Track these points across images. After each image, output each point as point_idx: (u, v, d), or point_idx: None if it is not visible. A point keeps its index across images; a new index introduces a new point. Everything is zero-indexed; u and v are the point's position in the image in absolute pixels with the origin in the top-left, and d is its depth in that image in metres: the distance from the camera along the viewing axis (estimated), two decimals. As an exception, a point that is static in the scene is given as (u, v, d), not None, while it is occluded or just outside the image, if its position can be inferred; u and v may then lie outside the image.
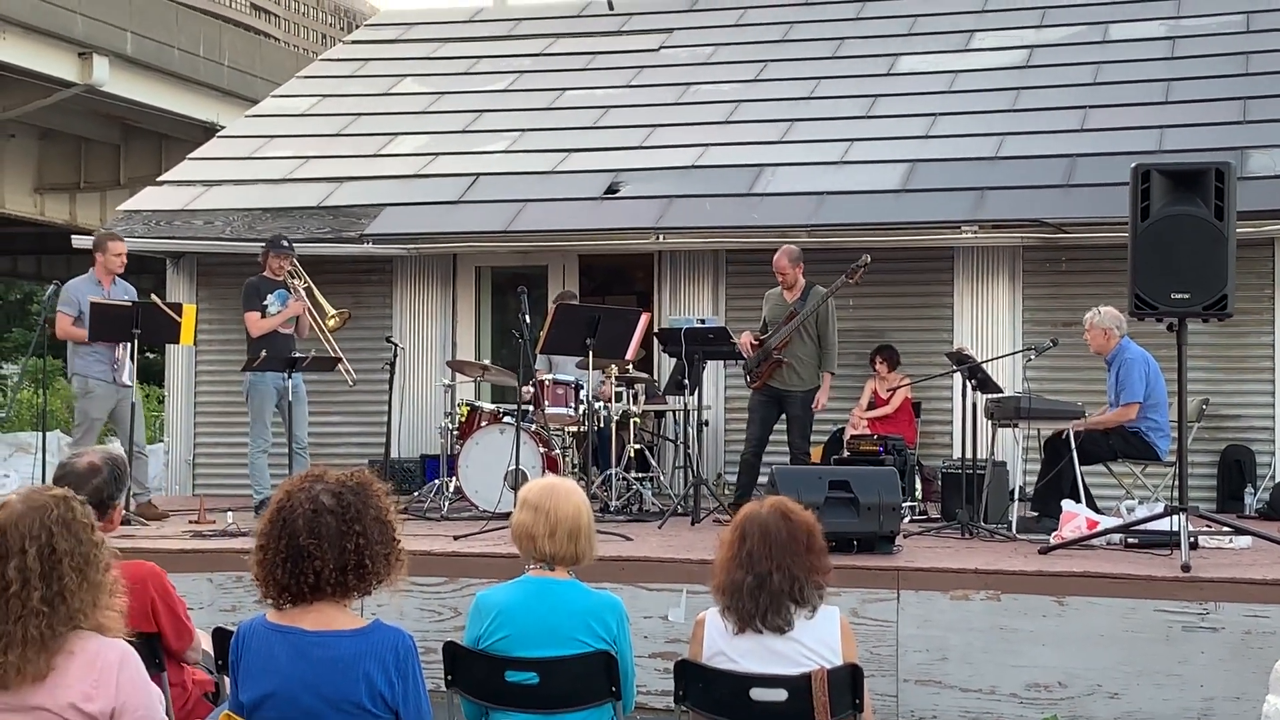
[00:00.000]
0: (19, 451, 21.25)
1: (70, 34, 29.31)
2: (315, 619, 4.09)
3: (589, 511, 5.20)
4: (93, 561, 3.89)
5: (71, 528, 3.88)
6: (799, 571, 4.87)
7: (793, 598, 4.86)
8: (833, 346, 11.41)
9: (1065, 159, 13.52)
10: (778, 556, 4.86)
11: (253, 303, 11.75)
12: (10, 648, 3.74)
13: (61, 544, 3.83)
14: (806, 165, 14.22)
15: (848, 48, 17.09)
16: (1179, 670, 7.74)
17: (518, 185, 14.55)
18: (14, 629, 3.75)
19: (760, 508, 5.00)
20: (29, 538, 3.81)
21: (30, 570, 3.78)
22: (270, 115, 17.70)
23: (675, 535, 9.97)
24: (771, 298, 11.63)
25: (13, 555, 3.79)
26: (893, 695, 8.06)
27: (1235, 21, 15.98)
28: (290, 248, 12.04)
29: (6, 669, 3.73)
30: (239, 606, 8.86)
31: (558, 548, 5.08)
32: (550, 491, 5.18)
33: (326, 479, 4.16)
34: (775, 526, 4.90)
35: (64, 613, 3.79)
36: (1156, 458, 10.39)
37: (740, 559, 4.89)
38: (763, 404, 11.41)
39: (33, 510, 3.87)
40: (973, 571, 8.20)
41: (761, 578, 4.84)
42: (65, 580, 3.80)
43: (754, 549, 4.87)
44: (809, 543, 4.93)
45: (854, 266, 11.24)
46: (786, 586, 4.84)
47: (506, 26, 19.51)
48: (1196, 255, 8.38)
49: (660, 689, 7.80)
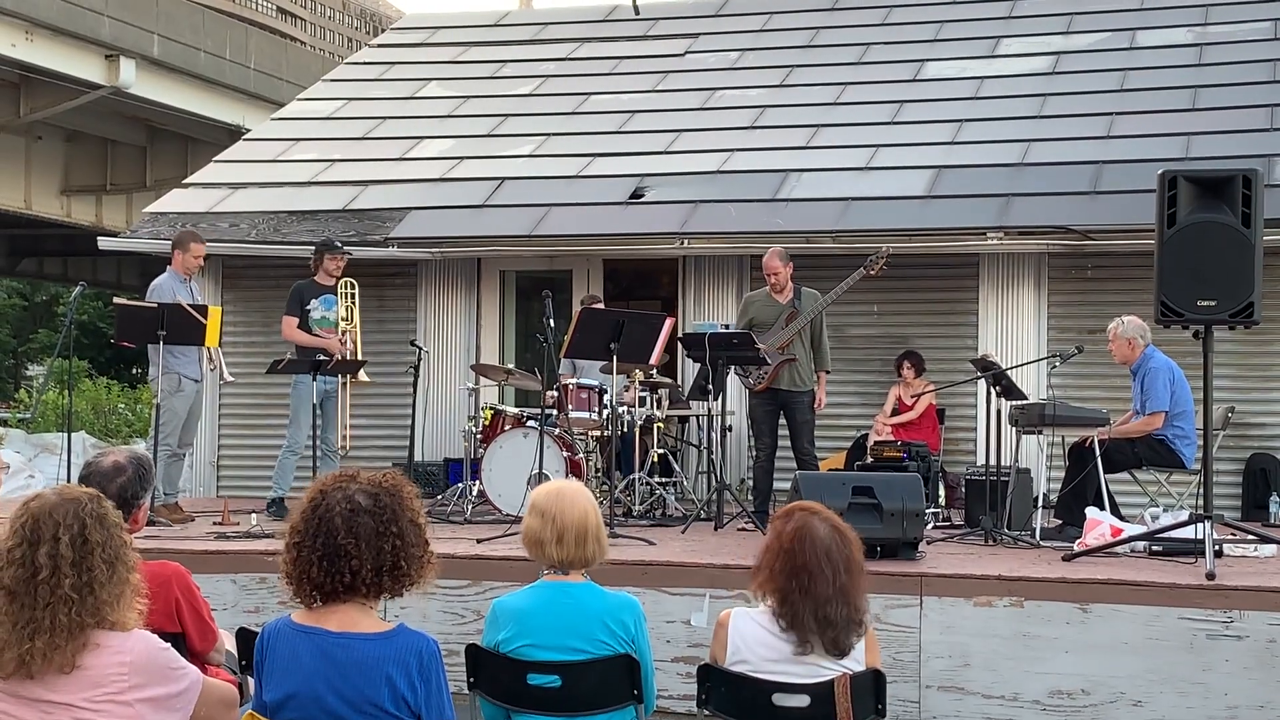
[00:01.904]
0: (44, 452, 21.36)
1: (97, 36, 29.47)
2: (340, 621, 4.10)
3: (596, 513, 5.18)
4: (122, 558, 3.92)
5: (104, 522, 3.93)
6: (862, 596, 4.89)
7: (860, 622, 4.87)
8: (826, 346, 11.43)
9: (1091, 166, 13.49)
10: (858, 583, 4.86)
11: (293, 308, 11.82)
12: (38, 634, 3.77)
13: (94, 535, 3.87)
14: (832, 171, 14.21)
15: (873, 53, 17.07)
16: (1203, 678, 7.70)
17: (543, 189, 14.56)
18: (43, 615, 3.78)
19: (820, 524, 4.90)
20: (62, 525, 3.85)
21: (62, 557, 3.82)
22: (296, 118, 17.75)
23: (698, 540, 9.96)
24: (757, 300, 11.55)
25: (44, 542, 3.83)
26: (915, 701, 8.04)
27: (1263, 29, 15.92)
28: (342, 248, 12.11)
29: (34, 655, 3.76)
30: (262, 608, 8.88)
31: (566, 552, 5.08)
32: (556, 496, 5.16)
33: (360, 479, 4.18)
34: (849, 552, 4.88)
35: (91, 604, 3.81)
36: (1182, 466, 10.36)
37: (827, 584, 4.80)
38: (767, 411, 11.34)
39: (67, 501, 3.92)
40: (996, 578, 8.17)
41: (846, 605, 4.82)
42: (95, 571, 3.84)
43: (842, 579, 4.81)
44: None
45: (872, 259, 11.24)
46: (859, 612, 4.86)
47: (532, 31, 19.54)
48: (1223, 262, 8.36)
49: (682, 693, 7.80)
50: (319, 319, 11.85)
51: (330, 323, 11.86)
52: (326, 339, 11.75)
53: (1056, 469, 10.81)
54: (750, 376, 11.39)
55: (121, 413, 31.49)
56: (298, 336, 11.80)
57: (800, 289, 11.37)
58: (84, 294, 11.48)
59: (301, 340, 11.78)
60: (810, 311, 11.19)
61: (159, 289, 11.37)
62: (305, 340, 11.77)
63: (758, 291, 11.64)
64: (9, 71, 29.19)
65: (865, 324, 13.18)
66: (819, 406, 11.39)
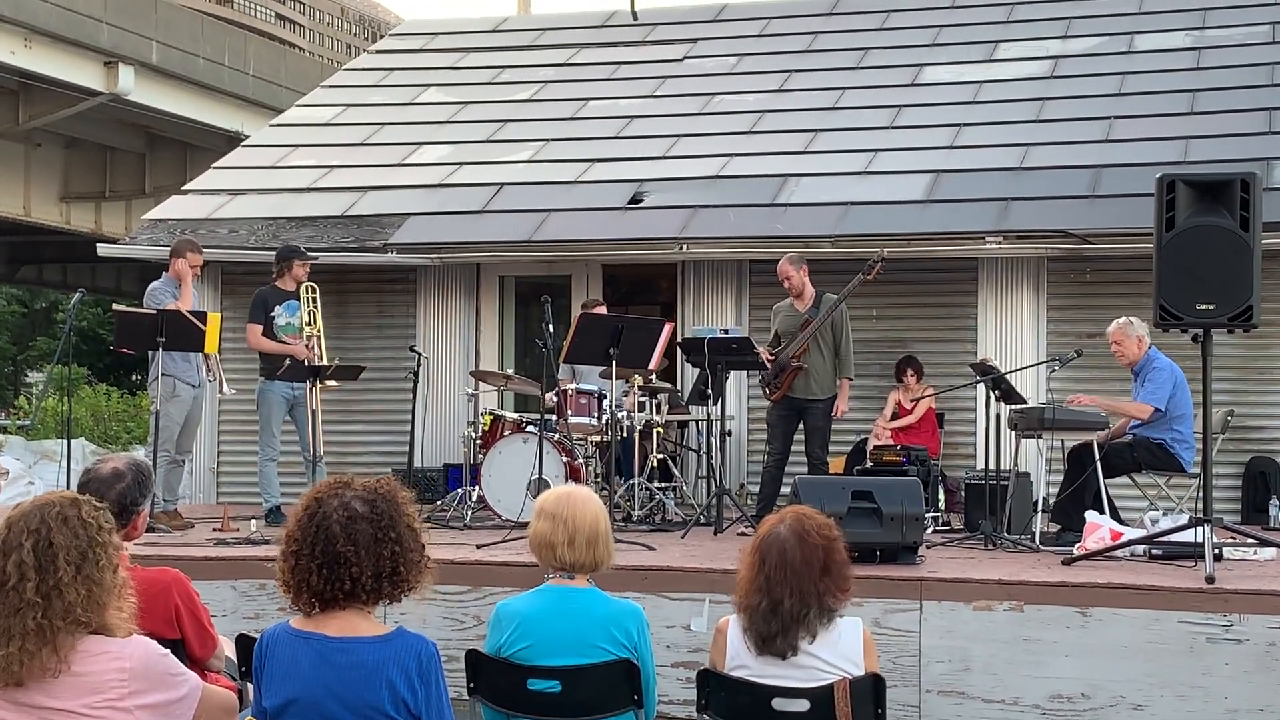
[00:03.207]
0: (44, 459, 21.34)
1: (96, 43, 29.49)
2: (339, 625, 4.10)
3: (606, 518, 5.22)
4: (91, 558, 3.90)
5: (70, 524, 3.91)
6: (810, 598, 4.83)
7: (803, 623, 4.83)
8: (849, 353, 11.44)
9: (1090, 170, 13.49)
10: (792, 581, 4.81)
11: (256, 315, 11.74)
12: (10, 640, 3.79)
13: (58, 538, 3.88)
14: (830, 176, 14.21)
15: (872, 58, 17.08)
16: (1203, 682, 7.70)
17: (541, 195, 14.57)
18: (13, 621, 3.80)
19: (779, 525, 4.95)
20: (27, 532, 3.88)
21: (25, 564, 3.84)
22: (295, 124, 17.75)
23: (698, 545, 9.96)
24: (782, 310, 11.63)
25: (12, 550, 3.86)
26: (915, 706, 8.04)
27: (1261, 32, 15.92)
28: (306, 253, 12.07)
29: (10, 660, 3.78)
30: (262, 614, 8.88)
31: (577, 555, 5.09)
32: (567, 500, 5.18)
33: (355, 486, 4.18)
34: (791, 550, 4.85)
35: (59, 607, 3.82)
36: (1181, 470, 10.36)
37: (759, 582, 4.86)
38: (783, 417, 11.41)
39: (36, 508, 3.94)
40: (996, 582, 8.17)
41: (775, 603, 4.81)
42: (60, 574, 3.84)
43: (771, 573, 4.84)
44: (826, 563, 4.87)
45: (870, 264, 11.27)
46: (798, 612, 4.82)
47: (530, 36, 19.55)
48: (1222, 266, 8.36)
49: (682, 698, 7.81)
50: (284, 325, 11.74)
51: (295, 328, 11.74)
52: (292, 345, 11.70)
53: (1056, 473, 10.82)
54: (768, 386, 11.42)
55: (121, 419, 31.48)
56: (263, 344, 11.71)
57: (822, 295, 11.40)
58: (83, 301, 11.49)
59: (267, 348, 11.69)
60: (821, 317, 11.21)
61: (155, 292, 11.38)
62: (271, 347, 11.67)
63: (785, 301, 11.67)
64: (8, 79, 29.22)
65: (864, 329, 13.15)
66: (838, 415, 11.41)
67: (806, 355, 11.22)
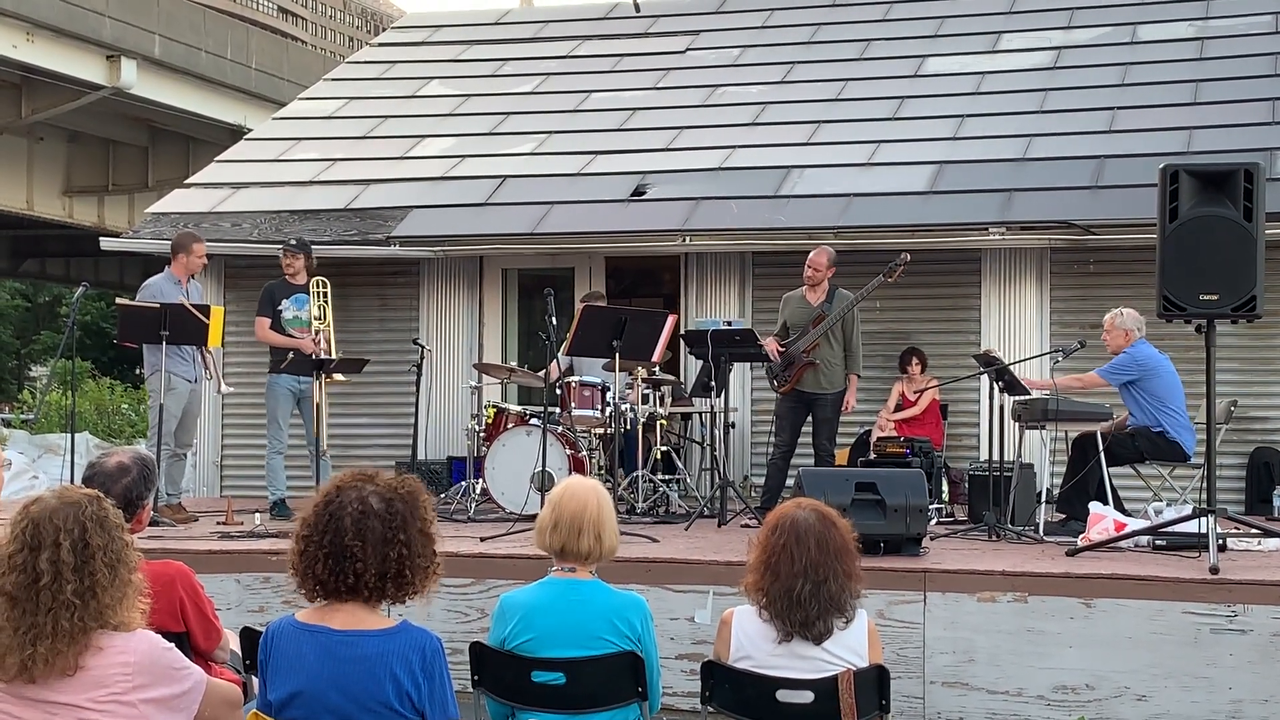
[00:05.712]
0: (48, 453, 21.34)
1: (99, 37, 29.47)
2: (344, 619, 4.10)
3: (610, 507, 5.22)
4: (124, 560, 3.91)
5: (105, 525, 3.91)
6: (846, 580, 4.86)
7: (839, 607, 4.85)
8: (859, 349, 11.44)
9: (1093, 160, 13.48)
10: (834, 563, 4.84)
11: (264, 309, 11.76)
12: (40, 639, 3.76)
13: (95, 539, 3.86)
14: (834, 167, 14.20)
15: (875, 49, 17.07)
16: (1207, 673, 7.70)
17: (544, 187, 14.56)
18: (45, 621, 3.77)
19: (801, 511, 4.96)
20: (63, 530, 3.84)
21: (63, 563, 3.81)
22: (297, 118, 17.76)
23: (701, 537, 9.96)
24: (792, 300, 11.61)
25: (45, 547, 3.82)
26: (919, 697, 8.04)
27: (1264, 22, 15.91)
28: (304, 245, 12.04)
29: (35, 660, 3.76)
30: (266, 607, 8.87)
31: (581, 544, 5.09)
32: (572, 490, 5.20)
33: (377, 481, 4.17)
34: (828, 532, 4.88)
35: (94, 607, 3.81)
36: (1183, 457, 10.34)
37: (800, 565, 4.84)
38: (791, 409, 11.41)
39: (66, 505, 3.90)
40: (1000, 573, 8.17)
41: (818, 584, 4.81)
42: (98, 575, 3.83)
43: (814, 555, 4.84)
44: (853, 550, 4.94)
45: (892, 266, 11.28)
46: (838, 594, 4.84)
47: (533, 29, 19.54)
48: (1225, 256, 8.35)
49: (686, 690, 7.80)
50: (291, 319, 11.75)
51: (303, 322, 11.76)
52: (300, 339, 11.69)
53: (1059, 464, 10.82)
54: (776, 379, 11.42)
55: (125, 413, 31.49)
56: (270, 337, 11.73)
57: (836, 291, 11.39)
58: (86, 294, 11.50)
59: (274, 341, 11.71)
60: (836, 314, 11.20)
61: (151, 288, 11.35)
62: (278, 341, 11.69)
63: (795, 291, 11.65)
64: (10, 73, 29.21)
65: (867, 320, 13.14)
66: (847, 409, 11.41)
67: (817, 350, 11.22)
